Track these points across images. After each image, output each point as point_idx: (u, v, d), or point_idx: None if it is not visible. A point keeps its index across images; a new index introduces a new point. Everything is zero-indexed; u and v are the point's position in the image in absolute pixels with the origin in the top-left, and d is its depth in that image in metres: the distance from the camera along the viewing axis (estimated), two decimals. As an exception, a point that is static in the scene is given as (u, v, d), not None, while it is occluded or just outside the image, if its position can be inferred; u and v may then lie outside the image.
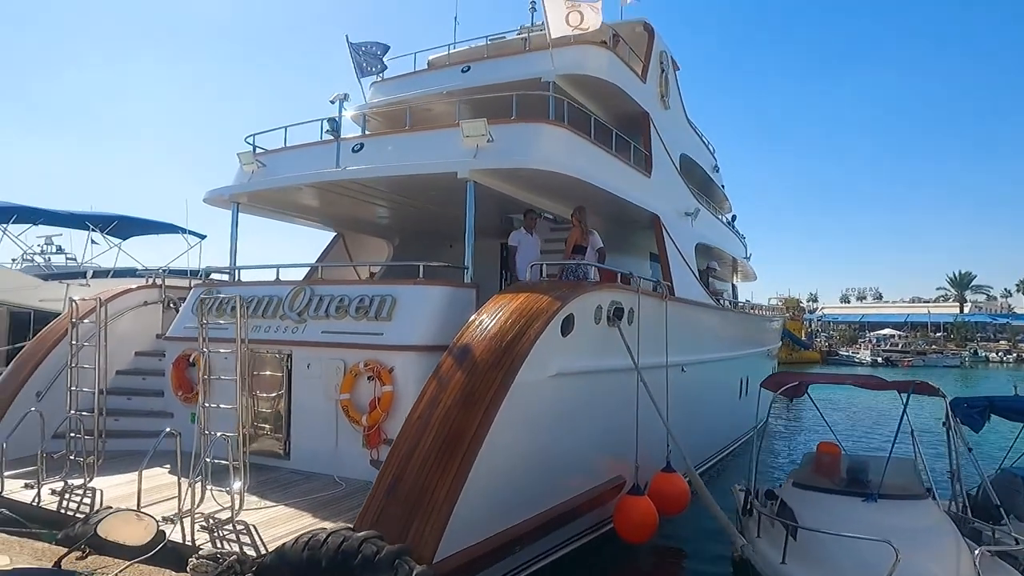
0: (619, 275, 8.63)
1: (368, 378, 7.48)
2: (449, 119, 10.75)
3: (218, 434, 6.17)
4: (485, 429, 5.60)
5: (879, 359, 52.64)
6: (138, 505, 6.27)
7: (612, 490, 8.07)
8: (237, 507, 6.12)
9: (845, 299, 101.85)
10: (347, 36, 12.06)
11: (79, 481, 6.96)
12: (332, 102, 9.16)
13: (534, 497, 6.54)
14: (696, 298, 11.72)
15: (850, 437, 17.44)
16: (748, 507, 6.86)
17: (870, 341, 60.48)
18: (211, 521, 6.07)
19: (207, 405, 6.52)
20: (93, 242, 18.21)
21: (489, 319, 6.47)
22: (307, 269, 10.89)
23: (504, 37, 13.73)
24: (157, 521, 4.75)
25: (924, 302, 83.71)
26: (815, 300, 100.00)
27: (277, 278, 9.15)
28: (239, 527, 6.04)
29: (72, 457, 7.28)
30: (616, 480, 8.19)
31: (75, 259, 23.32)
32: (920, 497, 6.23)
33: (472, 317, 6.65)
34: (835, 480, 6.47)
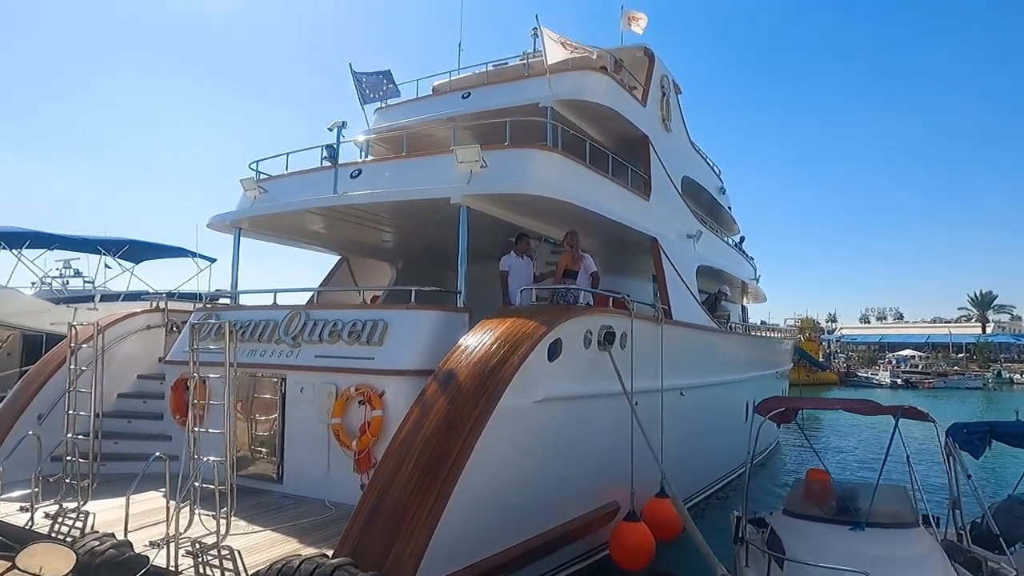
0: (611, 299, 8.61)
1: (359, 403, 7.51)
2: (449, 145, 10.89)
3: (205, 458, 6.22)
4: (467, 454, 5.61)
5: (899, 381, 51.81)
6: (125, 530, 6.35)
7: (606, 516, 8.02)
8: (223, 532, 6.16)
9: (865, 319, 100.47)
10: (351, 64, 12.29)
11: (74, 505, 7.04)
12: (330, 129, 9.35)
13: (522, 523, 6.51)
14: (696, 321, 11.67)
15: (860, 461, 17.17)
16: (739, 534, 6.77)
17: (890, 362, 59.50)
18: (197, 546, 6.11)
19: (196, 429, 6.58)
20: (107, 266, 18.58)
21: (474, 344, 6.51)
22: (310, 293, 11.01)
23: (507, 63, 13.91)
24: (78, 554, 4.82)
25: (945, 322, 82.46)
26: (834, 320, 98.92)
27: (274, 302, 9.25)
28: (224, 552, 6.06)
29: (68, 480, 7.38)
30: (611, 506, 8.14)
31: (92, 283, 23.78)
32: (910, 525, 6.12)
33: (459, 342, 6.69)
34: (824, 508, 6.38)
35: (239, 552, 6.13)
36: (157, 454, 6.59)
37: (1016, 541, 8.02)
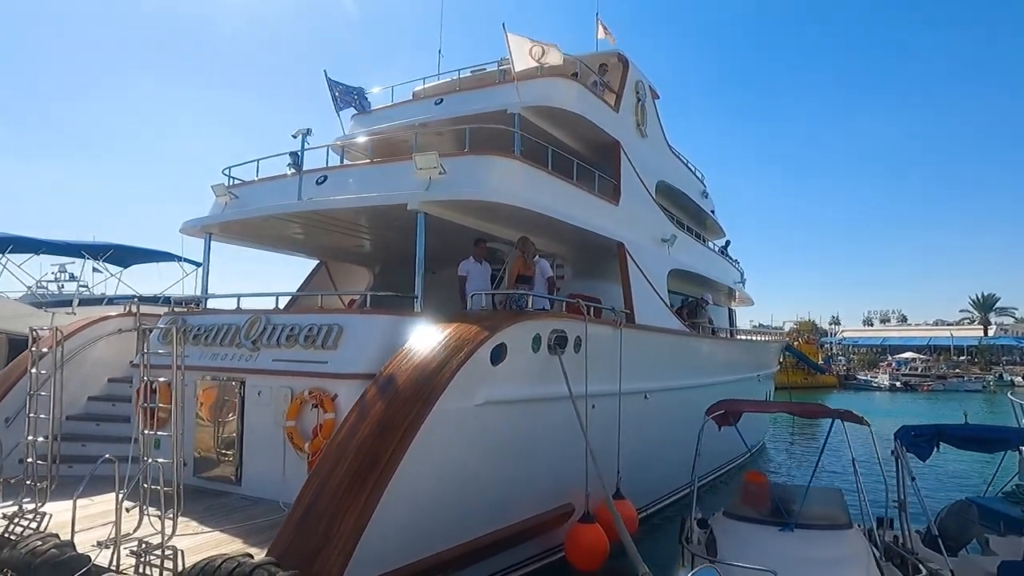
0: (564, 303, 8.73)
1: (312, 406, 7.65)
2: (422, 151, 11.02)
3: (150, 460, 6.37)
4: (399, 457, 5.73)
5: (897, 383, 51.70)
6: (72, 531, 6.49)
7: (561, 517, 8.14)
8: (169, 532, 6.30)
9: (868, 322, 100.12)
10: (325, 71, 12.46)
11: (32, 506, 7.19)
12: (294, 136, 9.49)
13: (465, 523, 6.63)
14: (665, 324, 11.77)
15: (843, 466, 17.19)
16: (683, 535, 6.88)
17: (889, 365, 59.33)
18: (143, 546, 6.25)
19: (146, 432, 6.73)
20: (95, 270, 18.80)
21: (416, 348, 6.64)
22: (278, 298, 11.15)
23: (484, 69, 14.05)
24: (19, 553, 4.98)
25: (947, 325, 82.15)
26: (837, 323, 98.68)
27: (238, 306, 9.40)
28: (168, 552, 6.20)
29: (28, 483, 7.53)
30: (566, 507, 8.25)
31: (87, 287, 24.01)
32: (841, 527, 6.21)
33: (403, 346, 6.82)
34: (760, 510, 6.48)
35: (183, 552, 6.27)
36: (107, 456, 6.73)
37: (967, 542, 8.13)
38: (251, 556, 5.23)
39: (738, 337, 17.74)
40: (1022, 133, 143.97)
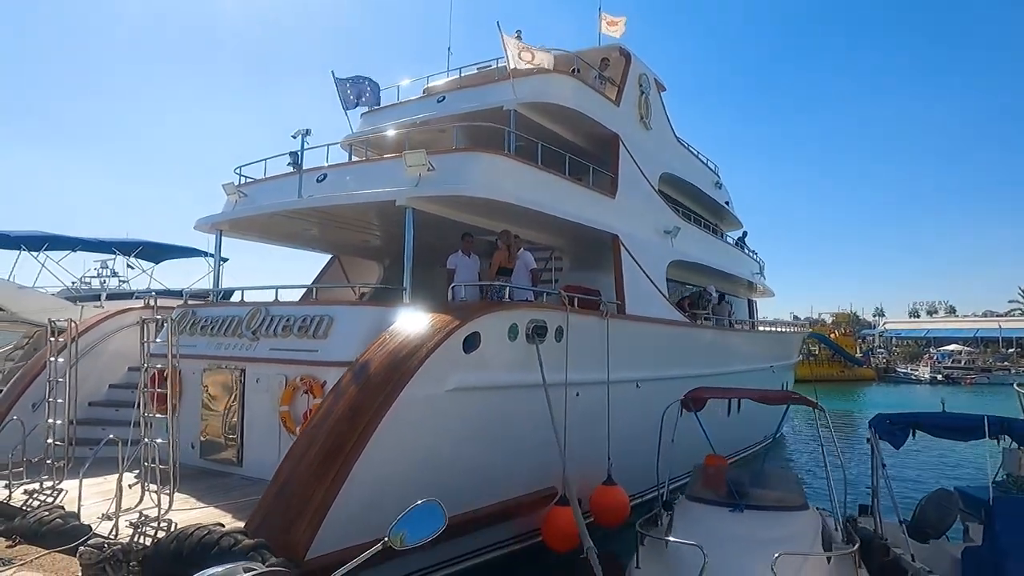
0: (545, 294, 9.02)
1: (304, 392, 8.12)
2: (416, 148, 11.41)
3: (148, 441, 6.92)
4: (365, 440, 6.13)
5: (939, 376, 50.39)
6: (79, 505, 7.08)
7: (542, 500, 8.46)
8: (165, 507, 6.85)
9: (915, 313, 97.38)
10: (333, 72, 12.89)
11: (50, 483, 7.85)
12: (294, 137, 9.96)
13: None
14: (661, 315, 11.95)
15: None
16: (648, 517, 7.14)
17: (931, 357, 57.77)
18: (141, 518, 6.80)
19: (146, 415, 7.29)
20: (129, 267, 19.76)
21: (392, 337, 7.03)
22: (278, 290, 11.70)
23: (490, 65, 14.34)
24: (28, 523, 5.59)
25: (997, 316, 79.40)
26: (881, 315, 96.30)
27: (242, 299, 9.94)
28: (163, 524, 6.74)
29: (48, 462, 8.20)
30: (549, 491, 8.56)
31: (127, 281, 25.16)
32: (794, 508, 6.39)
33: (381, 335, 7.22)
34: (717, 492, 6.69)
35: (175, 524, 6.81)
36: (111, 437, 7.31)
37: (946, 529, 8.19)
38: (222, 526, 5.70)
39: (740, 328, 17.55)
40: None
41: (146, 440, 7.23)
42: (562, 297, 8.95)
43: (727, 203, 19.62)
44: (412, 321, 7.25)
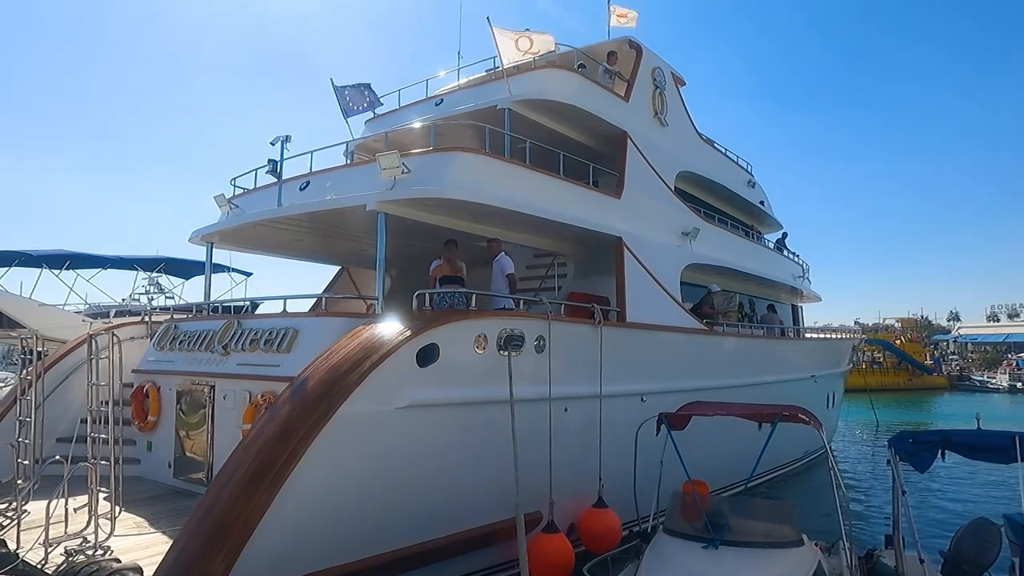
0: (521, 301, 8.35)
1: (265, 409, 7.65)
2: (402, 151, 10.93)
3: (91, 462, 6.60)
4: (293, 462, 5.60)
5: (1018, 384, 46.80)
6: (18, 531, 6.77)
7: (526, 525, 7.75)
8: (106, 533, 6.50)
9: (993, 317, 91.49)
10: (332, 79, 12.58)
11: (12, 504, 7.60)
12: (272, 144, 9.61)
13: (389, 532, 6.40)
14: (672, 322, 11.07)
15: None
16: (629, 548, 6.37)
17: (1010, 364, 53.83)
18: (84, 544, 6.45)
19: (92, 435, 6.97)
20: (158, 284, 20.06)
21: (337, 350, 6.49)
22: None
23: (496, 68, 13.81)
24: None
25: (1086, 319, 73.75)
26: (956, 319, 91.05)
27: (219, 311, 9.62)
28: (100, 552, 6.36)
29: (19, 482, 7.98)
30: (533, 515, 7.85)
31: (172, 298, 25.70)
32: (783, 544, 5.49)
33: (328, 347, 6.69)
34: (695, 525, 5.83)
35: (111, 551, 6.42)
36: (56, 457, 7.00)
37: (987, 565, 7.08)
38: (118, 560, 5.25)
39: (770, 335, 16.18)
40: None
41: (91, 461, 6.94)
42: (545, 304, 8.25)
43: (762, 203, 18.45)
44: (362, 333, 6.70)
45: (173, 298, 26.16)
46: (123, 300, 24.61)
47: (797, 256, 20.25)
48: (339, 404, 5.91)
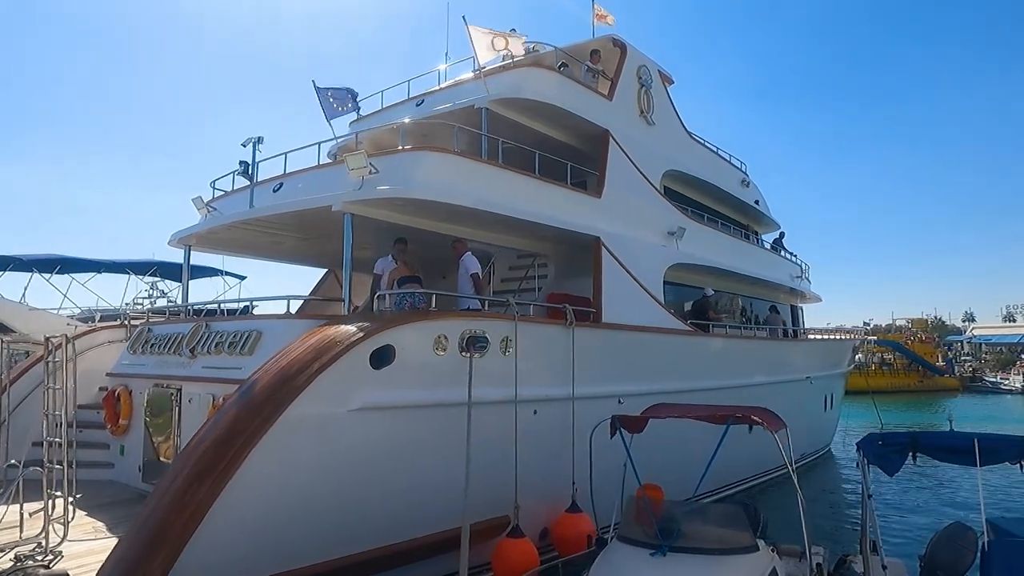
0: (486, 302, 8.22)
1: (226, 412, 7.58)
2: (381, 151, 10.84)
3: (11, 461, 6.56)
4: (235, 466, 5.50)
5: (1032, 385, 46.06)
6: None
7: (491, 530, 7.63)
8: (60, 538, 6.45)
9: (1010, 317, 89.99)
10: (314, 81, 12.55)
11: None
12: (244, 145, 9.55)
13: (342, 537, 6.29)
14: (653, 323, 10.90)
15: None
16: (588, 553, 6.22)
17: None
18: (36, 549, 6.40)
19: (48, 439, 6.92)
20: (156, 287, 20.11)
21: (288, 352, 6.40)
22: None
23: (484, 68, 13.71)
24: None
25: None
26: (971, 319, 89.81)
27: (192, 314, 9.57)
28: (50, 558, 6.30)
29: None
30: (501, 520, 7.74)
31: (174, 302, 25.79)
32: (735, 551, 5.31)
33: (280, 349, 6.60)
34: (646, 531, 5.66)
35: (61, 557, 6.36)
36: (12, 462, 6.96)
37: (963, 571, 6.87)
38: (47, 567, 5.18)
39: (759, 336, 15.86)
40: None
41: (47, 467, 6.90)
42: (510, 304, 8.12)
43: (757, 203, 18.20)
44: (315, 335, 6.60)
45: (174, 302, 26.33)
46: (126, 304, 24.78)
47: (795, 256, 19.97)
48: (286, 406, 5.81)
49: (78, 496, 8.42)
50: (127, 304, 24.23)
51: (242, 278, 19.72)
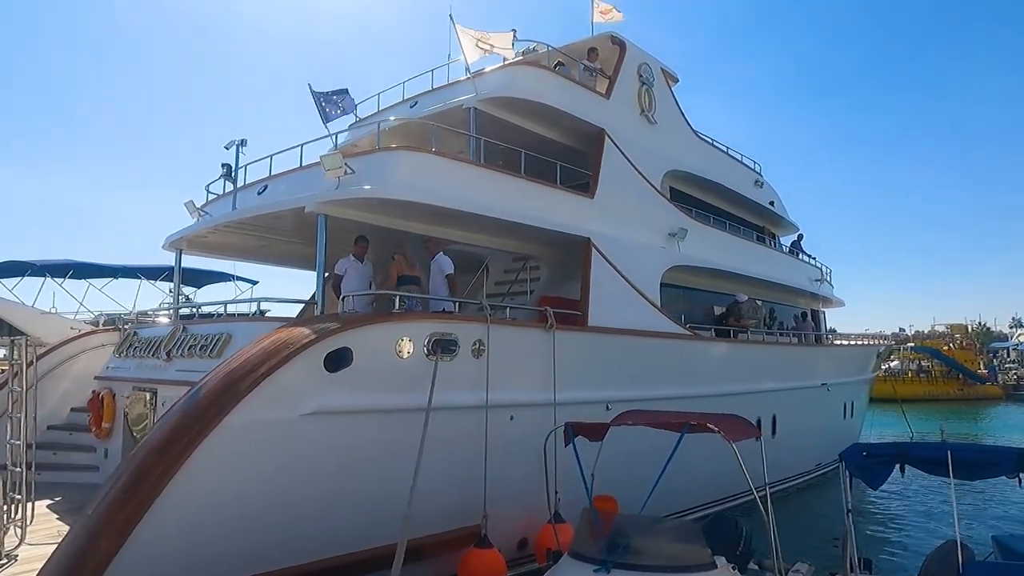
0: (458, 304, 7.99)
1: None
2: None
3: (11, 468, 6.55)
4: (172, 472, 5.35)
5: (1080, 394, 43.99)
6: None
7: (460, 540, 7.39)
8: (19, 540, 6.41)
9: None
10: (310, 85, 12.47)
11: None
12: (227, 148, 9.52)
13: (297, 544, 6.11)
14: (647, 326, 10.53)
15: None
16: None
17: (1073, 373, 50.68)
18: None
19: (12, 442, 6.90)
20: (168, 292, 20.29)
21: (241, 355, 6.25)
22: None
23: (484, 69, 13.55)
24: None
25: None
26: (1019, 325, 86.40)
27: (176, 317, 9.54)
28: (3, 562, 6.25)
29: None
30: (472, 529, 7.50)
31: (197, 308, 26.12)
32: (690, 569, 4.97)
33: (234, 352, 6.47)
34: (596, 546, 5.33)
35: (16, 558, 6.31)
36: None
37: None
38: None
39: (768, 341, 15.16)
40: None
41: (11, 466, 6.88)
42: (484, 307, 7.87)
43: (772, 204, 17.65)
44: (269, 337, 6.44)
45: (197, 307, 26.64)
46: (151, 310, 25.11)
47: (814, 259, 19.32)
48: (229, 409, 5.65)
49: (57, 499, 8.50)
50: (153, 309, 24.66)
51: (254, 283, 19.85)
